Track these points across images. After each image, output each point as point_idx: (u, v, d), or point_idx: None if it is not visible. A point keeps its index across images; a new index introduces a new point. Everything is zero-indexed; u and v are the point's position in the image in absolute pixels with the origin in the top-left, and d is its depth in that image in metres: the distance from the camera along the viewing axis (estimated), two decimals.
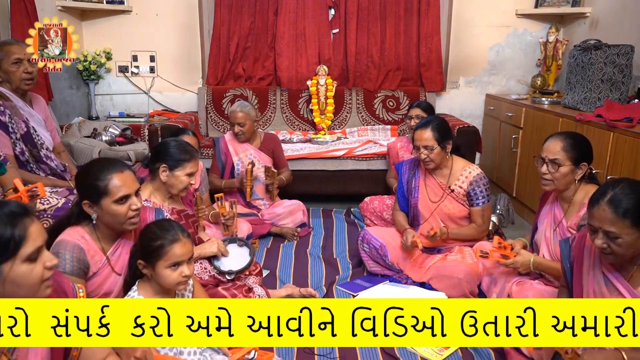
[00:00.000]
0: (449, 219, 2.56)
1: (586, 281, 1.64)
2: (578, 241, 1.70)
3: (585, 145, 2.03)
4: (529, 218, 3.51)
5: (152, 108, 4.35)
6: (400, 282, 2.54)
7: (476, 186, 2.50)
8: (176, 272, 1.59)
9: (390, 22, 4.23)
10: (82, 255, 1.65)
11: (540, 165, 2.06)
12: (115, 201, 1.64)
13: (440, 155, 2.50)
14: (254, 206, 3.27)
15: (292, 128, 4.28)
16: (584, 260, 1.66)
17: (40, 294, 1.16)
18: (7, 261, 1.09)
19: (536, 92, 3.88)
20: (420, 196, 2.61)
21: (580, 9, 3.94)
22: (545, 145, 2.06)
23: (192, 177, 2.19)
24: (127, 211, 1.66)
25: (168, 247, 1.58)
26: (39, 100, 2.65)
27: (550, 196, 2.17)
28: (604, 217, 1.47)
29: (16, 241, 1.10)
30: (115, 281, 1.75)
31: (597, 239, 1.51)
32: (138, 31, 4.22)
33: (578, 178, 2.02)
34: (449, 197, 2.54)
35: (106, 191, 1.63)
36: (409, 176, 2.68)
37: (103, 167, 1.67)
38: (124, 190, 1.65)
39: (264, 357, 1.77)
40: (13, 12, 3.14)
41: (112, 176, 1.64)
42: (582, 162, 2.00)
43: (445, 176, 2.57)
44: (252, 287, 2.21)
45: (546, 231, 2.13)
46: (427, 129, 2.47)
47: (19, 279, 1.11)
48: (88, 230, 1.71)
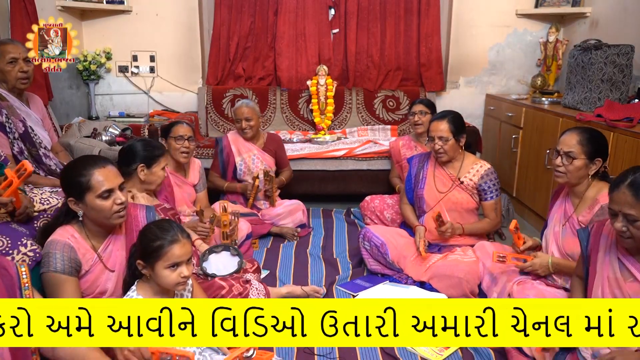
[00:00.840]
0: (454, 209, 2.59)
1: (601, 268, 1.67)
2: (596, 229, 1.73)
3: (601, 141, 2.02)
4: (529, 218, 3.51)
5: (152, 108, 4.35)
6: (400, 282, 2.54)
7: (488, 180, 2.56)
8: (175, 273, 1.59)
9: (390, 22, 4.23)
10: (73, 254, 1.66)
11: (555, 158, 2.07)
12: (99, 196, 1.66)
13: (454, 148, 2.56)
14: (254, 206, 3.27)
15: (292, 128, 4.28)
16: (600, 247, 1.69)
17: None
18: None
19: (536, 92, 3.88)
20: (427, 186, 2.66)
21: (580, 9, 3.94)
22: (562, 138, 2.07)
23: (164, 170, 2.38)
24: (112, 205, 1.68)
25: (167, 248, 1.58)
26: (36, 100, 2.64)
27: (562, 192, 2.17)
28: (624, 200, 1.51)
29: None
30: (108, 278, 1.75)
31: (616, 223, 1.55)
32: (138, 31, 4.22)
33: (591, 173, 2.01)
34: (458, 188, 2.58)
35: (89, 186, 1.66)
36: (418, 168, 2.73)
37: (85, 163, 1.70)
38: (107, 185, 1.67)
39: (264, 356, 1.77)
40: (13, 12, 3.14)
41: (93, 171, 1.67)
42: (597, 157, 1.99)
43: (456, 168, 2.63)
44: (249, 280, 2.22)
45: (555, 226, 2.13)
46: (444, 121, 2.54)
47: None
48: (77, 228, 1.73)
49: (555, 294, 1.98)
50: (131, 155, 2.30)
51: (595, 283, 1.68)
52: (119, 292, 1.74)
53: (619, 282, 1.61)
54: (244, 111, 3.18)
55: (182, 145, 2.72)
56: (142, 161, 2.29)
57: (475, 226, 2.60)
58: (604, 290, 1.64)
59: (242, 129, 3.20)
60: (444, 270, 2.40)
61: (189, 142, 2.74)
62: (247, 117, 3.17)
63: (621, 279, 1.61)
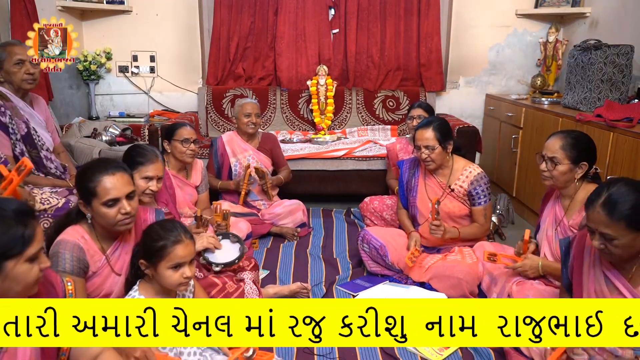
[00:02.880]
0: (448, 218, 2.56)
1: (587, 281, 1.64)
2: (578, 240, 1.70)
3: (586, 146, 2.02)
4: (529, 218, 3.51)
5: (152, 108, 4.35)
6: (400, 282, 2.54)
7: (477, 185, 2.51)
8: (177, 273, 1.59)
9: (390, 22, 4.23)
10: (82, 255, 1.65)
11: (540, 162, 2.07)
12: (104, 204, 1.63)
13: (441, 156, 2.51)
14: (253, 206, 3.27)
15: (292, 128, 4.28)
16: (584, 259, 1.66)
17: (30, 292, 1.19)
18: (13, 258, 1.12)
19: (536, 92, 3.88)
20: (419, 195, 2.62)
21: (580, 9, 3.94)
22: (546, 142, 2.07)
23: (151, 182, 2.11)
24: (117, 214, 1.65)
25: (170, 248, 1.58)
26: (40, 101, 2.64)
27: (553, 195, 2.17)
28: (599, 219, 1.48)
29: (25, 241, 1.14)
30: (115, 281, 1.74)
31: (594, 240, 1.52)
32: (138, 31, 4.22)
33: (578, 177, 2.01)
34: (449, 196, 2.54)
35: (95, 193, 1.63)
36: (409, 175, 2.69)
37: (95, 168, 1.66)
38: (113, 194, 1.63)
39: (264, 357, 1.77)
40: (13, 12, 3.14)
41: (101, 178, 1.63)
42: (582, 161, 1.99)
43: (446, 175, 2.57)
44: (242, 278, 2.21)
45: (548, 230, 2.13)
46: (429, 129, 2.48)
47: (20, 276, 1.14)
48: (87, 229, 1.71)
49: (555, 293, 1.98)
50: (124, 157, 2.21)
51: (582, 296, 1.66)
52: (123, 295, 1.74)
53: (605, 295, 1.59)
54: (252, 106, 3.22)
55: (189, 148, 2.70)
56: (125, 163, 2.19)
57: (465, 231, 2.53)
58: None
59: (250, 123, 3.20)
60: (444, 270, 2.39)
61: (195, 145, 2.74)
62: (256, 112, 3.22)
63: (607, 292, 1.58)
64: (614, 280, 1.57)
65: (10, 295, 1.16)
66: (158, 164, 2.15)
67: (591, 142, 2.05)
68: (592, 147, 2.04)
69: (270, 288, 2.40)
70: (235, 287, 2.12)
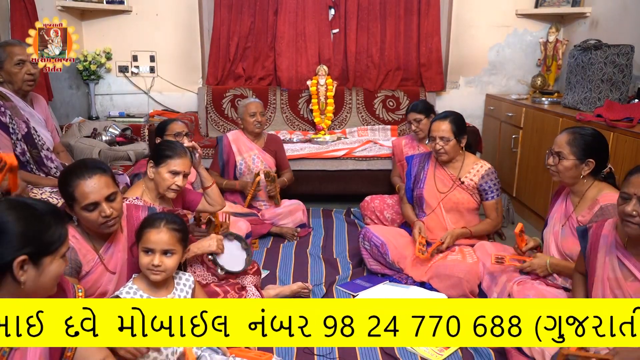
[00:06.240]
0: (455, 209, 2.60)
1: (601, 268, 1.67)
2: (595, 229, 1.73)
3: (594, 143, 2.00)
4: (529, 218, 3.51)
5: (152, 108, 4.35)
6: (400, 282, 2.54)
7: (488, 179, 2.57)
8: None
9: (390, 22, 4.23)
10: (74, 255, 1.65)
11: (548, 157, 2.07)
12: (84, 208, 1.62)
13: (455, 149, 2.56)
14: (254, 206, 3.27)
15: (292, 128, 4.28)
16: (600, 248, 1.69)
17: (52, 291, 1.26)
18: (50, 255, 1.20)
19: (536, 92, 3.88)
20: (427, 186, 2.65)
21: (580, 9, 3.94)
22: (557, 137, 2.08)
23: (178, 177, 2.11)
24: (98, 217, 1.64)
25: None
26: (40, 101, 2.64)
27: (563, 191, 2.17)
28: None
29: (61, 239, 1.23)
30: (109, 280, 1.75)
31: (627, 206, 1.54)
32: (138, 31, 4.22)
33: (584, 174, 1.99)
34: (458, 188, 2.58)
35: (74, 198, 1.62)
36: (418, 168, 2.73)
37: (73, 172, 1.65)
38: (91, 198, 1.61)
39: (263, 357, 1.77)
40: (13, 12, 3.13)
41: (79, 182, 1.62)
42: (588, 158, 1.98)
43: (457, 169, 2.63)
44: (245, 286, 2.21)
45: (555, 226, 2.13)
46: (446, 121, 2.54)
47: (53, 272, 1.22)
48: (78, 229, 1.72)
49: (555, 293, 1.98)
50: (152, 150, 2.24)
51: (595, 284, 1.68)
52: None
53: (620, 282, 1.61)
54: (256, 105, 3.23)
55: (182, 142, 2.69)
56: (152, 157, 2.17)
57: (478, 228, 2.60)
58: (605, 290, 1.64)
59: (256, 122, 3.20)
60: (444, 270, 2.40)
61: (187, 138, 2.71)
62: (261, 111, 3.23)
63: (622, 279, 1.61)
64: (629, 266, 1.60)
65: (40, 294, 1.22)
66: (186, 160, 2.15)
67: (602, 141, 2.02)
68: (601, 145, 2.01)
69: (271, 289, 2.40)
70: (237, 297, 2.12)
